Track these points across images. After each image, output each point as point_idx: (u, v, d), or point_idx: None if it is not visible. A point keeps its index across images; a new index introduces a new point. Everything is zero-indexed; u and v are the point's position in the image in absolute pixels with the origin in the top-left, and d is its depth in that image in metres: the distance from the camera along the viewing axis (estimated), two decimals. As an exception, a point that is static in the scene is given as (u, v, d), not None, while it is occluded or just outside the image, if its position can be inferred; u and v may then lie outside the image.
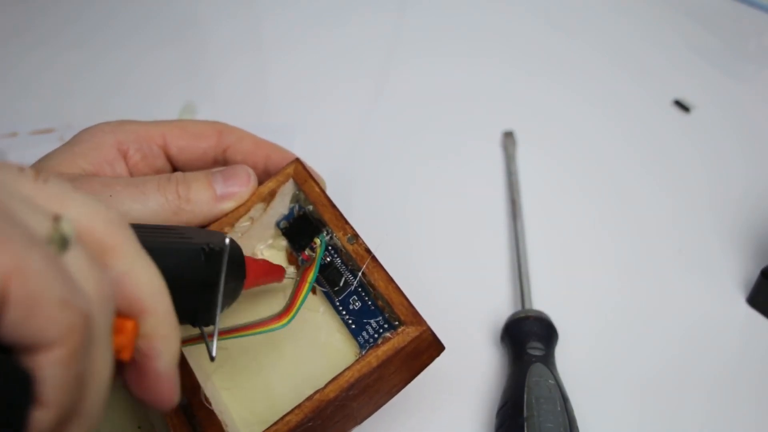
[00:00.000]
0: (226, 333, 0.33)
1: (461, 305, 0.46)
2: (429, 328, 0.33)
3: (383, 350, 0.32)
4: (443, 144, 0.57)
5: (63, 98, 0.63)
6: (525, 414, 0.37)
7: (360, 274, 0.35)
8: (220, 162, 0.41)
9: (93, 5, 0.71)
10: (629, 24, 0.68)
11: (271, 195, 0.39)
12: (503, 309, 0.46)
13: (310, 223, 0.39)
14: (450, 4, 0.71)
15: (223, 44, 0.68)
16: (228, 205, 0.37)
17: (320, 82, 0.63)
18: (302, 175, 0.39)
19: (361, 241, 0.36)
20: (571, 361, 0.43)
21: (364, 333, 0.35)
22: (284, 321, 0.33)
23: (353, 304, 0.36)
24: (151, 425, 0.35)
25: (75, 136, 0.38)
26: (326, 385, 0.32)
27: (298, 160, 0.39)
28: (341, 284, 0.36)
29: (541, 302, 0.45)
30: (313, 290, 0.37)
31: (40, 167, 0.36)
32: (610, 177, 0.55)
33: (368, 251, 0.36)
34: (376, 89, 0.62)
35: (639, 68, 0.64)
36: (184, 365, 0.34)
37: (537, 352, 0.40)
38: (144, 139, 0.39)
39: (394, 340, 0.32)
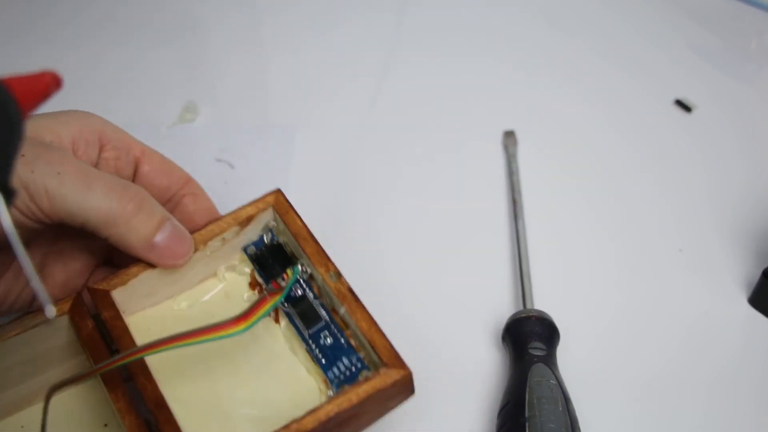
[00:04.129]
0: (178, 339, 0.31)
1: (462, 305, 0.46)
2: (410, 373, 0.34)
3: (364, 389, 0.32)
4: (444, 143, 0.57)
5: (63, 98, 0.63)
6: (527, 414, 0.37)
7: (333, 311, 0.36)
8: (169, 208, 0.39)
9: (93, 5, 0.71)
10: (630, 24, 0.68)
11: (248, 220, 0.39)
12: (504, 309, 0.46)
13: (284, 254, 0.39)
14: (451, 3, 0.71)
15: (224, 44, 0.68)
16: (150, 257, 0.35)
17: (320, 82, 0.63)
18: (284, 206, 0.39)
19: (343, 280, 0.36)
20: (572, 361, 0.43)
21: (335, 369, 0.36)
22: (242, 326, 0.32)
23: (324, 339, 0.36)
24: (118, 424, 0.34)
25: (70, 110, 0.38)
26: (304, 417, 0.31)
27: (279, 191, 0.39)
28: (314, 318, 0.37)
29: (542, 302, 0.45)
30: (276, 319, 0.38)
31: (31, 123, 0.35)
32: (611, 177, 0.55)
33: (351, 290, 0.36)
34: (376, 89, 0.62)
35: (640, 68, 0.64)
36: (148, 376, 0.33)
37: (538, 352, 0.40)
38: (125, 144, 0.38)
39: (375, 381, 0.33)
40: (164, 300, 0.39)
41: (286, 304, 0.38)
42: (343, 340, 0.36)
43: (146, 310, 0.38)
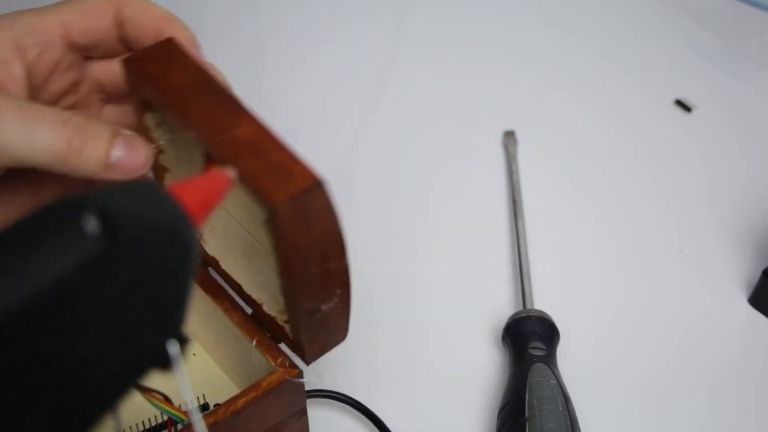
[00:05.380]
0: None
1: (462, 305, 0.46)
2: (284, 201, 0.29)
3: (277, 238, 0.30)
4: (444, 144, 0.57)
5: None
6: (527, 414, 0.37)
7: None
8: (126, 40, 0.37)
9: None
10: (630, 24, 0.68)
11: (145, 103, 0.34)
12: (504, 309, 0.46)
13: None
14: (450, 4, 0.71)
15: (226, 48, 0.68)
16: (115, 177, 0.33)
17: (322, 85, 0.63)
18: (137, 78, 0.33)
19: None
20: (572, 360, 0.43)
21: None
22: None
23: None
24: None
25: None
26: (281, 279, 0.32)
27: (127, 61, 0.33)
28: None
29: (542, 302, 0.45)
30: None
31: None
32: (611, 177, 0.55)
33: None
34: (377, 91, 0.62)
35: (640, 68, 0.64)
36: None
37: (538, 352, 0.40)
38: (41, 31, 0.35)
39: (273, 226, 0.30)
40: None
41: None
42: None
43: None
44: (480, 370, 0.43)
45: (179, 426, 0.33)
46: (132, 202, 0.20)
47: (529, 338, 0.41)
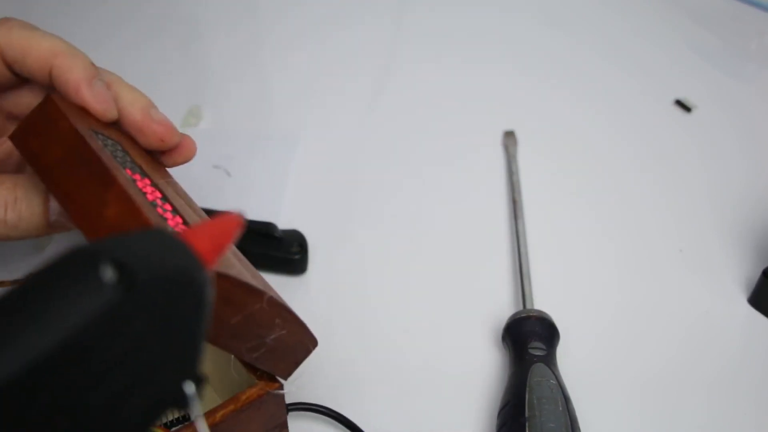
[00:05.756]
0: None
1: (462, 305, 0.46)
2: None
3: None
4: (444, 144, 0.57)
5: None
6: (527, 414, 0.37)
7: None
8: (21, 76, 0.35)
9: (100, 10, 0.71)
10: (630, 24, 0.68)
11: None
12: (504, 309, 0.46)
13: None
14: (450, 4, 0.71)
15: (227, 51, 0.68)
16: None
17: (323, 85, 0.63)
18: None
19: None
20: (572, 360, 0.43)
21: None
22: None
23: None
24: None
25: None
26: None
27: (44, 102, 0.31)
28: None
29: (542, 302, 0.45)
30: None
31: None
32: (611, 177, 0.55)
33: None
34: (378, 91, 0.62)
35: (640, 68, 0.64)
36: None
37: (538, 352, 0.40)
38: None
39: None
40: None
41: None
42: None
43: None
44: (480, 370, 0.43)
45: None
46: (146, 249, 0.20)
47: (529, 338, 0.41)
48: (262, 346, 0.33)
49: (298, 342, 0.35)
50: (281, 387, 0.34)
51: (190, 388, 0.21)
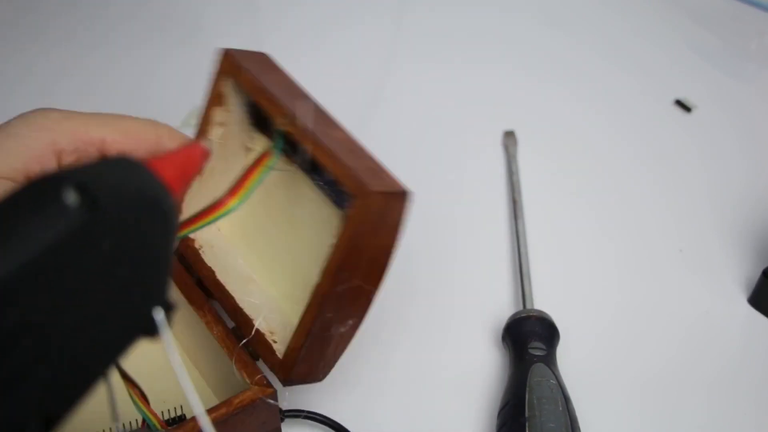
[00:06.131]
0: (187, 225, 0.31)
1: (462, 305, 0.46)
2: (376, 192, 0.31)
3: (348, 229, 0.31)
4: (444, 144, 0.57)
5: (74, 103, 0.63)
6: (527, 414, 0.37)
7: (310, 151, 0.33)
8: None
9: (103, 12, 0.71)
10: (630, 24, 0.68)
11: (220, 96, 0.36)
12: (504, 309, 0.46)
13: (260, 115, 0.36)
14: (450, 4, 0.71)
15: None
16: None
17: (321, 85, 0.63)
18: (232, 68, 0.36)
19: (299, 122, 0.33)
20: (572, 360, 0.43)
21: (346, 204, 0.33)
22: (235, 202, 0.31)
23: (328, 175, 0.34)
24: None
25: (11, 125, 0.35)
26: (320, 279, 0.32)
27: (227, 53, 0.36)
28: (304, 160, 0.34)
29: (542, 302, 0.45)
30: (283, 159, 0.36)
31: None
32: (611, 177, 0.55)
33: (307, 132, 0.33)
34: (377, 91, 0.62)
35: (640, 68, 0.64)
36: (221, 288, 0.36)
37: (538, 352, 0.40)
38: (81, 141, 0.36)
39: (353, 217, 0.31)
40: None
41: (289, 154, 0.35)
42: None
43: None
44: (480, 370, 0.43)
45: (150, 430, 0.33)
46: (111, 175, 0.20)
47: (529, 338, 0.41)
48: (326, 331, 0.33)
49: (331, 357, 0.35)
50: (275, 394, 0.34)
51: (159, 314, 0.22)
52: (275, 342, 0.35)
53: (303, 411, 0.39)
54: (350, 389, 0.41)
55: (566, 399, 0.38)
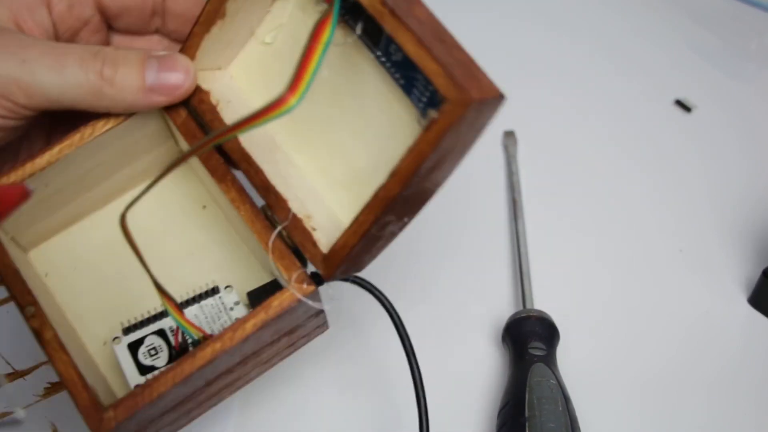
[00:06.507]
0: (232, 130, 0.28)
1: (462, 305, 0.46)
2: (475, 99, 0.27)
3: (433, 135, 0.27)
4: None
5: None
6: (527, 414, 0.37)
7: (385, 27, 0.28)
8: (159, 12, 0.36)
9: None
10: (630, 24, 0.68)
11: None
12: (504, 309, 0.46)
13: None
14: (451, 4, 0.71)
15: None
16: (158, 100, 0.32)
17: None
18: None
19: None
20: (572, 360, 0.43)
21: (416, 90, 0.30)
22: (294, 100, 0.27)
23: (395, 54, 0.30)
24: (218, 205, 0.35)
25: None
26: (388, 179, 0.28)
27: None
28: (377, 32, 0.29)
29: (542, 302, 0.45)
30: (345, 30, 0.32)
31: None
32: (611, 177, 0.55)
33: (384, 4, 0.28)
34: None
35: (640, 68, 0.64)
36: (251, 162, 0.32)
37: (538, 352, 0.40)
38: None
39: (441, 125, 0.27)
40: (248, 40, 0.34)
41: (352, 26, 0.31)
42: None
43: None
44: (480, 370, 0.43)
45: (188, 339, 0.31)
46: None
47: (529, 338, 0.41)
48: (383, 228, 0.30)
49: (376, 251, 0.32)
50: (317, 292, 0.31)
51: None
52: (314, 229, 0.31)
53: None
54: (350, 390, 0.41)
55: (566, 399, 0.38)
